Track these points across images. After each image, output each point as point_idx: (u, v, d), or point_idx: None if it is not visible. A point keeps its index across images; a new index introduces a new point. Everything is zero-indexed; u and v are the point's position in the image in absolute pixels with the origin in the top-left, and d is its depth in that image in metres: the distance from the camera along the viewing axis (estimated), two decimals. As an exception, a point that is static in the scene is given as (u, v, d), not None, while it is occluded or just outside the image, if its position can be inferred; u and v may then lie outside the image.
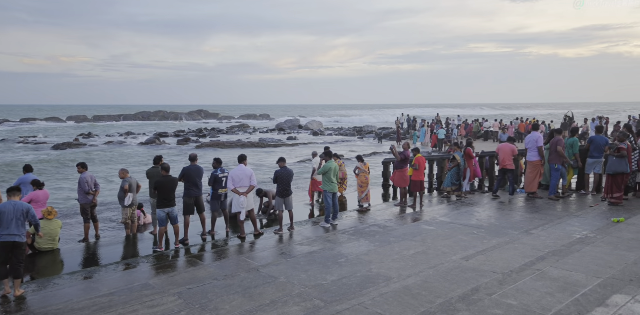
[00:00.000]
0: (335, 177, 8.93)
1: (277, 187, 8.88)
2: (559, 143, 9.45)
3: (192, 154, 8.98)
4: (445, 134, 28.30)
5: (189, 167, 8.63)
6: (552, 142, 9.63)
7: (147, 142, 33.03)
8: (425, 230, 7.70)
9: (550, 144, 9.74)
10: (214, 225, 9.12)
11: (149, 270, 6.36)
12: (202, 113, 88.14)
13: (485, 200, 10.95)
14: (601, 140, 9.35)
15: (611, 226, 6.89)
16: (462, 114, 63.26)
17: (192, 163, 8.72)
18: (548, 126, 30.72)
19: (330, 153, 9.13)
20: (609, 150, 9.00)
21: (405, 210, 10.56)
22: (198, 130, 46.72)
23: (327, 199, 8.93)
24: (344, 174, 13.24)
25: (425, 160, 11.14)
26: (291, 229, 8.87)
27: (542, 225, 7.48)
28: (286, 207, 8.92)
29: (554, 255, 5.50)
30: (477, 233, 7.33)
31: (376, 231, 7.95)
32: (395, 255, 6.26)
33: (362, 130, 45.37)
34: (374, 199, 14.04)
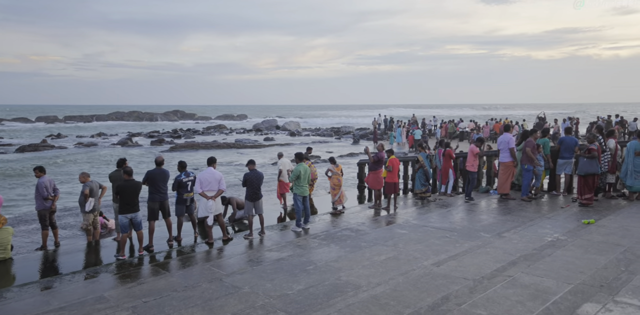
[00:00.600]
0: (306, 180, 8.70)
1: (247, 190, 8.60)
2: (527, 144, 9.44)
3: (158, 158, 8.63)
4: (421, 134, 28.44)
5: (153, 171, 8.28)
6: (527, 142, 9.63)
7: (119, 143, 32.14)
8: (397, 233, 7.54)
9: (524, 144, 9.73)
10: (180, 230, 8.78)
11: (107, 281, 6.01)
12: (178, 113, 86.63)
13: (460, 202, 10.90)
14: (571, 140, 9.40)
15: (582, 228, 6.86)
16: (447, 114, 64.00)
17: (158, 166, 8.37)
18: (521, 126, 31.26)
19: (301, 155, 8.90)
20: (579, 151, 9.05)
21: (380, 213, 10.42)
22: (173, 131, 45.82)
23: (297, 203, 8.69)
24: (313, 174, 13.04)
25: (399, 161, 11.02)
26: (262, 233, 8.60)
27: (514, 227, 7.42)
28: (256, 211, 8.65)
29: (526, 260, 5.40)
30: (450, 236, 7.21)
31: (348, 235, 7.75)
32: (365, 261, 6.07)
33: (340, 130, 45.32)
34: (349, 200, 13.92)
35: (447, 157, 11.96)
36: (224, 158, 26.30)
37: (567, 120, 27.45)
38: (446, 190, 12.05)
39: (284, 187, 11.40)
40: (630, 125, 24.84)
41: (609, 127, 24.38)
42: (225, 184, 8.36)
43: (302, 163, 8.75)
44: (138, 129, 54.45)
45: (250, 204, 8.59)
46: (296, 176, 8.56)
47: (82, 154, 26.46)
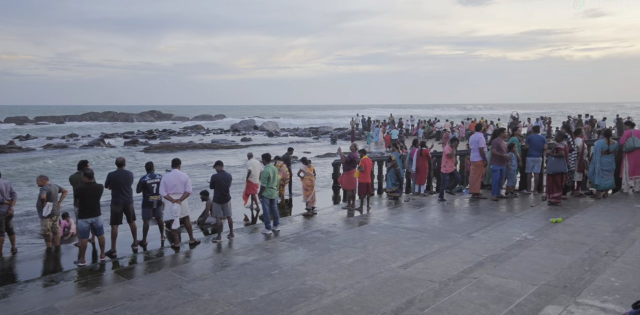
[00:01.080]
0: (275, 182, 8.51)
1: (215, 192, 8.37)
2: (494, 144, 9.46)
3: (119, 158, 8.32)
4: (398, 134, 28.55)
5: (114, 173, 7.98)
6: (493, 142, 9.65)
7: (91, 145, 31.27)
8: (368, 235, 7.43)
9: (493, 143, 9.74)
10: (146, 234, 8.49)
11: (61, 290, 5.70)
12: (155, 114, 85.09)
13: (433, 201, 10.88)
14: (538, 139, 9.48)
15: (549, 227, 6.88)
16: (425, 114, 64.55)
17: (119, 168, 8.06)
18: (496, 126, 31.70)
19: (268, 156, 8.69)
20: (548, 149, 9.13)
21: (353, 214, 10.31)
22: (148, 132, 44.94)
23: (264, 205, 8.50)
24: (285, 175, 12.85)
25: (372, 161, 10.94)
26: (230, 236, 8.38)
27: (483, 227, 7.39)
28: (224, 214, 8.43)
29: (493, 261, 5.35)
30: (420, 237, 7.13)
31: (318, 237, 7.60)
32: (333, 264, 5.92)
33: (318, 130, 45.21)
34: (325, 201, 13.77)
35: (423, 156, 11.94)
36: (199, 159, 25.85)
37: (540, 119, 27.96)
38: (419, 190, 12.03)
39: (252, 187, 11.19)
40: (599, 125, 25.44)
41: (579, 126, 24.94)
42: (192, 186, 8.11)
43: (270, 164, 8.56)
44: (112, 129, 53.21)
45: (219, 206, 8.36)
46: (267, 178, 8.36)
47: (49, 156, 25.63)
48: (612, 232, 6.09)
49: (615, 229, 6.29)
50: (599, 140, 8.96)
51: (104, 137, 38.27)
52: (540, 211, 8.19)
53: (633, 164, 8.67)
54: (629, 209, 7.47)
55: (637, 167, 8.65)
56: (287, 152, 14.58)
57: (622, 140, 8.82)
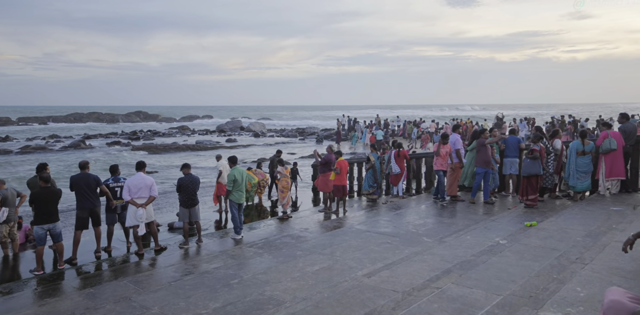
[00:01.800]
0: (243, 185, 8.23)
1: (181, 196, 8.08)
2: (478, 145, 9.18)
3: (82, 161, 7.99)
4: (383, 135, 28.40)
5: (76, 176, 7.66)
6: (478, 143, 9.22)
7: (72, 146, 30.62)
8: (338, 240, 7.18)
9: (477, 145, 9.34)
10: (111, 240, 8.17)
11: (5, 303, 5.36)
12: (141, 114, 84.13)
13: (413, 203, 10.69)
14: (513, 140, 9.33)
15: (523, 231, 6.69)
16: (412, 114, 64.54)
17: (82, 171, 7.73)
18: (481, 126, 31.74)
19: (235, 159, 8.41)
20: (525, 150, 8.98)
21: (330, 217, 10.08)
22: (132, 133, 44.31)
23: (232, 209, 8.22)
24: (263, 174, 12.57)
25: (347, 163, 10.71)
26: (199, 242, 8.10)
27: (457, 231, 7.19)
28: (191, 218, 8.13)
29: (460, 268, 5.13)
30: (392, 242, 6.91)
31: (287, 243, 7.34)
32: (296, 272, 5.67)
33: (305, 131, 44.96)
34: (306, 203, 13.53)
35: (401, 158, 11.75)
36: (180, 160, 25.42)
37: (523, 120, 28.02)
38: (398, 192, 11.83)
39: (222, 189, 10.90)
40: (582, 125, 25.54)
41: (563, 127, 24.98)
42: (157, 190, 7.79)
43: (237, 167, 8.28)
44: (96, 130, 52.40)
45: (185, 211, 8.06)
46: (232, 180, 8.08)
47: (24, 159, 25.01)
48: (585, 237, 5.93)
49: (588, 233, 6.12)
50: (574, 142, 8.84)
51: (86, 138, 37.60)
52: (515, 214, 8.02)
53: (609, 165, 8.54)
54: (603, 212, 7.33)
55: (613, 169, 8.53)
56: (275, 154, 14.31)
57: (598, 141, 8.70)
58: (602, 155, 8.65)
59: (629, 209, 7.46)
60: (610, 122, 9.78)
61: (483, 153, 9.05)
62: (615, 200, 8.29)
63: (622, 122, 9.06)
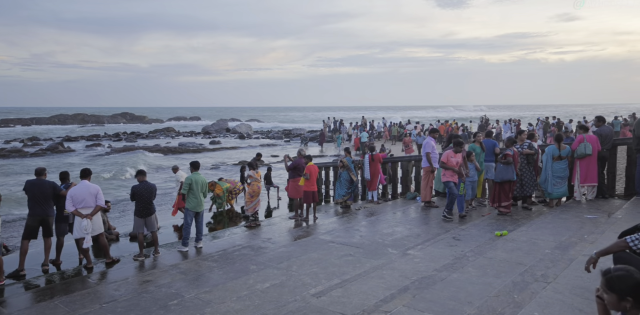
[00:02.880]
0: (202, 192, 7.78)
1: (135, 205, 7.60)
2: (443, 156, 8.24)
3: (39, 168, 7.56)
4: (367, 137, 28.04)
5: (30, 181, 7.27)
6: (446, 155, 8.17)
7: (49, 149, 29.84)
8: (298, 252, 6.76)
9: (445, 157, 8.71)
10: (60, 252, 7.69)
11: None
12: (128, 116, 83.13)
13: (387, 209, 10.32)
14: (488, 143, 8.94)
15: (491, 242, 6.33)
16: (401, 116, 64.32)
17: (38, 177, 7.29)
18: (467, 128, 31.55)
19: (196, 164, 7.95)
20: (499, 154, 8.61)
21: (300, 224, 9.67)
22: (114, 135, 43.52)
23: (186, 218, 7.76)
24: (234, 183, 12.13)
25: (318, 168, 10.31)
26: (155, 253, 7.64)
27: (424, 241, 6.81)
28: (147, 229, 7.67)
29: (418, 286, 4.74)
30: (354, 254, 6.50)
31: (245, 255, 6.90)
32: (245, 290, 5.23)
33: (291, 133, 44.50)
34: (281, 209, 13.09)
35: (375, 161, 11.37)
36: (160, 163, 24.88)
37: (508, 122, 27.84)
38: (373, 197, 11.45)
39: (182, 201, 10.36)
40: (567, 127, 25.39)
41: (547, 129, 24.82)
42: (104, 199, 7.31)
43: (197, 172, 7.82)
44: (79, 132, 51.51)
45: (140, 221, 7.59)
46: (188, 184, 7.63)
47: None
48: (554, 249, 5.57)
49: (558, 245, 5.77)
50: (549, 146, 8.50)
51: (66, 141, 36.80)
52: (487, 222, 7.66)
53: (585, 171, 8.22)
54: (577, 220, 6.99)
55: (588, 174, 8.21)
56: (255, 157, 13.88)
57: (574, 145, 8.38)
58: (577, 160, 8.33)
59: (603, 217, 7.14)
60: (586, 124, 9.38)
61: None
62: (591, 206, 7.97)
63: (599, 126, 8.75)
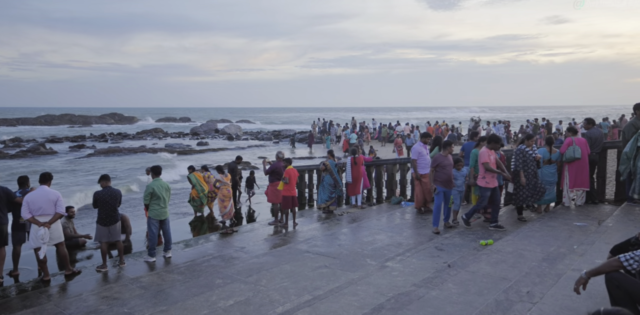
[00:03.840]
0: (164, 199, 7.31)
1: (98, 212, 7.11)
2: (433, 161, 7.52)
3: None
4: (356, 138, 27.68)
5: None
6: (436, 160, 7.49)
7: (30, 150, 29.06)
8: (270, 263, 6.31)
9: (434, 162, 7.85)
10: (17, 262, 7.18)
11: None
12: (116, 116, 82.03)
13: (371, 214, 9.92)
14: (469, 146, 8.54)
15: (475, 252, 5.93)
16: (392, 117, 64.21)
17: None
18: (457, 129, 31.30)
19: (158, 170, 7.47)
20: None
21: (280, 230, 9.23)
22: (100, 135, 42.74)
23: (151, 227, 7.29)
24: (211, 186, 11.67)
25: (297, 172, 9.87)
26: (120, 264, 7.16)
27: (405, 251, 6.39)
28: (111, 238, 7.18)
29: (393, 305, 4.31)
30: (330, 266, 6.07)
31: (213, 266, 6.44)
32: (205, 308, 4.78)
33: (280, 134, 44.01)
34: (263, 213, 12.62)
35: (357, 165, 10.97)
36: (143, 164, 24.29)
37: (498, 123, 27.60)
38: (356, 201, 11.04)
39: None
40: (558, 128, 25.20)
41: (536, 131, 24.60)
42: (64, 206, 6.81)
43: (159, 179, 7.35)
44: (65, 133, 50.58)
45: (104, 230, 7.10)
46: (149, 193, 7.15)
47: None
48: (541, 261, 5.18)
49: (545, 257, 5.38)
50: (539, 149, 8.13)
51: (50, 142, 35.99)
52: (473, 230, 7.27)
53: (574, 175, 7.86)
54: (566, 229, 6.62)
55: (577, 179, 7.85)
56: (235, 160, 13.40)
57: (562, 148, 8.02)
58: (566, 164, 7.98)
59: (593, 224, 6.77)
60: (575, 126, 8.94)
61: (441, 172, 7.44)
62: (580, 213, 7.61)
63: (588, 128, 8.41)
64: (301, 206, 13.04)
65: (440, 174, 7.50)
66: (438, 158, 7.56)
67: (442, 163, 7.48)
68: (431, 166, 7.59)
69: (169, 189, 7.42)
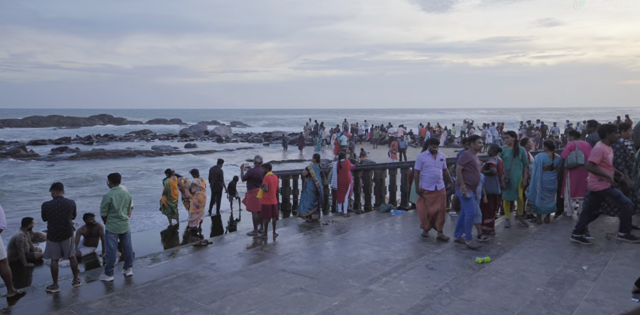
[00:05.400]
0: (124, 210, 6.54)
1: (48, 226, 6.32)
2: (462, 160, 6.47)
3: None
4: (347, 140, 26.97)
5: None
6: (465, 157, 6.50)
7: (9, 153, 28.03)
8: (239, 285, 5.56)
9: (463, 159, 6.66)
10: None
11: None
12: (105, 117, 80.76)
13: (360, 224, 9.20)
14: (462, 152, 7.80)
15: (471, 273, 5.23)
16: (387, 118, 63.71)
17: None
18: (449, 131, 30.72)
19: (116, 178, 6.67)
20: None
21: (258, 243, 8.48)
22: (86, 137, 41.69)
23: (108, 242, 6.51)
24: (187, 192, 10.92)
25: (278, 179, 9.12)
26: (75, 283, 6.38)
27: (392, 270, 5.68)
28: (63, 255, 6.40)
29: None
30: (306, 288, 5.34)
31: (175, 288, 5.68)
32: (153, 346, 4.02)
33: (271, 136, 43.21)
34: (246, 222, 11.85)
35: (344, 169, 10.26)
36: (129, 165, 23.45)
37: (491, 125, 27.04)
38: (342, 209, 10.32)
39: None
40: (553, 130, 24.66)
41: (530, 133, 24.02)
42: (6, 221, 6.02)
43: (119, 187, 6.57)
44: (50, 135, 49.45)
45: (54, 246, 6.32)
46: (107, 204, 6.38)
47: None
48: (547, 286, 4.49)
49: (551, 279, 4.70)
50: (539, 154, 7.44)
51: (32, 144, 34.93)
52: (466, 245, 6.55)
53: (575, 183, 7.19)
54: (570, 244, 5.94)
55: (580, 187, 7.18)
56: (217, 164, 12.65)
57: (564, 153, 7.35)
58: (568, 171, 7.31)
59: (601, 239, 6.11)
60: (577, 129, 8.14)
61: (473, 172, 6.33)
62: (585, 224, 6.93)
63: (590, 131, 7.75)
64: (286, 213, 12.31)
65: (471, 175, 6.31)
66: (468, 155, 6.41)
67: (473, 161, 6.30)
68: (460, 163, 6.41)
69: (129, 198, 6.65)
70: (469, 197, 6.29)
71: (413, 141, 30.61)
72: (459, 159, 6.54)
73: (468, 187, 6.32)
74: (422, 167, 7.01)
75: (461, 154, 6.63)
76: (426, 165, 6.97)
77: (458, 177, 6.40)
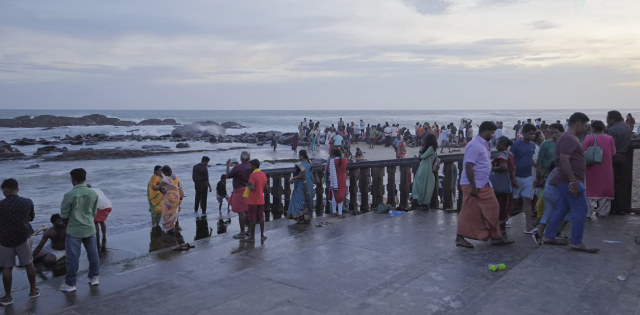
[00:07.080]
0: (87, 211, 5.76)
1: (0, 229, 5.53)
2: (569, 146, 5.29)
3: None
4: (341, 140, 26.29)
5: None
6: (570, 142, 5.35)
7: (-8, 153, 27.06)
8: (215, 297, 4.79)
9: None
10: None
11: None
12: (98, 118, 79.75)
13: (356, 226, 8.49)
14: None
15: (485, 283, 4.50)
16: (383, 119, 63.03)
17: None
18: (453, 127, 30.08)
19: (79, 173, 5.89)
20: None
21: (245, 246, 7.73)
22: (75, 137, 40.77)
23: (70, 248, 5.73)
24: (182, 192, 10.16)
25: (266, 177, 8.37)
26: (32, 294, 5.61)
27: (392, 279, 4.94)
28: (20, 262, 5.62)
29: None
30: (294, 301, 4.58)
31: (142, 300, 4.90)
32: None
33: (265, 136, 42.45)
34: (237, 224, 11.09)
35: (342, 167, 9.54)
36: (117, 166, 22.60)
37: (491, 124, 26.38)
38: (337, 210, 9.58)
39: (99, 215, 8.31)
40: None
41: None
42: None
43: (82, 185, 5.79)
44: (39, 135, 48.42)
45: (8, 251, 5.53)
46: (68, 204, 5.60)
47: None
48: (580, 301, 3.77)
49: (583, 292, 3.97)
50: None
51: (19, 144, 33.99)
52: (477, 249, 5.83)
53: (591, 181, 6.47)
54: (597, 249, 5.21)
55: (597, 185, 6.46)
56: (202, 162, 11.89)
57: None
58: (586, 168, 6.59)
59: (628, 242, 5.40)
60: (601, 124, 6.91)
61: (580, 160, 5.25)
62: (607, 226, 6.24)
63: (612, 123, 7.05)
64: (277, 214, 11.57)
65: (580, 163, 5.18)
66: (573, 139, 5.17)
67: (579, 148, 5.18)
68: (566, 152, 5.11)
69: (95, 198, 5.87)
70: (580, 193, 5.11)
71: (410, 141, 30.03)
72: (563, 146, 5.15)
73: (578, 178, 5.13)
74: (476, 158, 5.64)
75: (564, 139, 5.22)
76: (482, 157, 5.65)
77: (565, 168, 5.10)
